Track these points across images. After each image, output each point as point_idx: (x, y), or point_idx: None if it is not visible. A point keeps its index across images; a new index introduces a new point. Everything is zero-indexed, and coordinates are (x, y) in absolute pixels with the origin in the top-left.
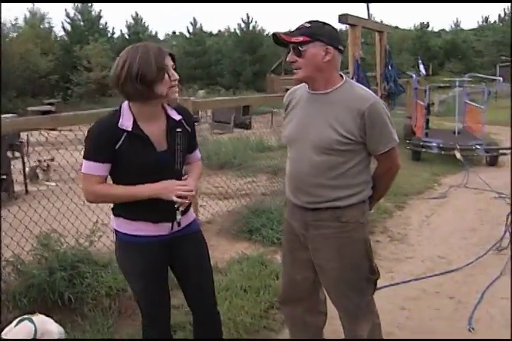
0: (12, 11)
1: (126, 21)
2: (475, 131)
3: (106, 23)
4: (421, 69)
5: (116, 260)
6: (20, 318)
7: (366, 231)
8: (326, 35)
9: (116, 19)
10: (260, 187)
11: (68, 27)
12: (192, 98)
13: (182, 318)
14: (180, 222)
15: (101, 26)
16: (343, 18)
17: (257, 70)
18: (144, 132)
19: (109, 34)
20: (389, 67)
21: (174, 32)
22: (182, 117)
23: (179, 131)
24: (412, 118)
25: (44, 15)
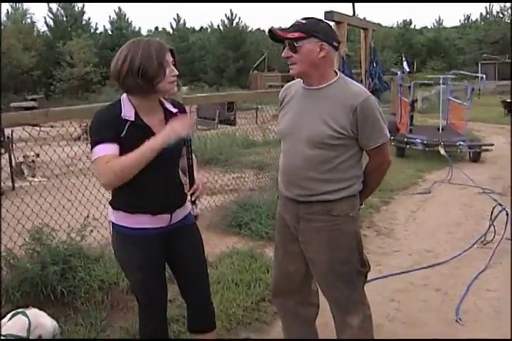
0: None
1: (109, 17)
2: (458, 128)
3: (89, 19)
4: (404, 66)
5: (113, 253)
6: (13, 312)
7: (357, 224)
8: (321, 31)
9: (99, 15)
10: (247, 182)
11: (51, 22)
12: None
13: (175, 311)
14: (197, 216)
15: (84, 22)
16: (329, 15)
17: (241, 67)
18: (146, 124)
19: (92, 30)
20: (374, 64)
21: (157, 28)
22: (178, 111)
23: None
24: (397, 114)
25: (26, 10)
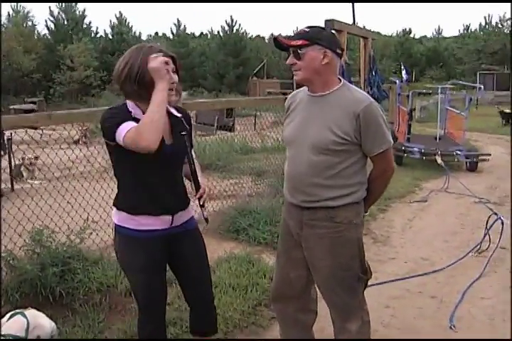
0: None
1: (110, 21)
2: (456, 137)
3: (90, 23)
4: (403, 75)
5: (115, 254)
6: (12, 312)
7: (360, 231)
8: (324, 39)
9: (100, 19)
10: (245, 188)
11: (52, 26)
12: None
13: (173, 314)
14: (207, 218)
15: (85, 26)
16: (329, 24)
17: (240, 73)
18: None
19: (92, 34)
20: (373, 73)
21: (157, 33)
22: (182, 115)
23: (182, 128)
24: (395, 123)
25: (27, 13)
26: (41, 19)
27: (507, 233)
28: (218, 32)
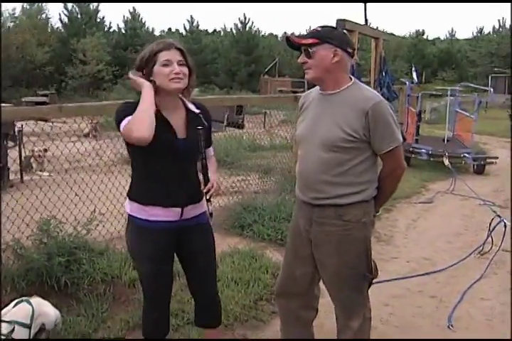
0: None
1: (123, 16)
2: (464, 140)
3: (103, 17)
4: (414, 76)
5: (126, 243)
6: (18, 300)
7: (368, 230)
8: (335, 38)
9: (113, 14)
10: (252, 185)
11: (65, 19)
12: None
13: (175, 306)
14: (212, 213)
15: (98, 20)
16: (341, 24)
17: (252, 71)
18: (166, 118)
19: (106, 28)
20: (383, 74)
21: (170, 29)
22: (200, 112)
23: (200, 124)
24: (404, 124)
25: (41, 6)
26: (55, 12)
27: (509, 235)
28: (231, 29)
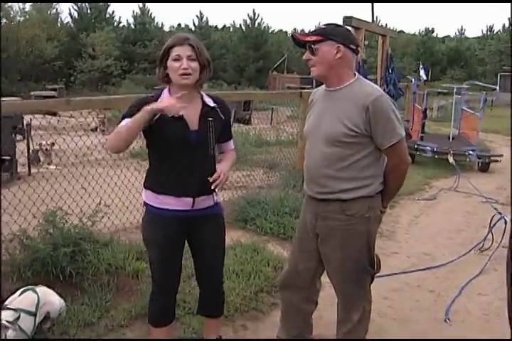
0: None
1: (133, 11)
2: (470, 138)
3: (113, 12)
4: (422, 74)
5: (141, 230)
6: (24, 288)
7: (372, 225)
8: (338, 35)
9: (123, 9)
10: (257, 180)
11: (75, 14)
12: None
13: (177, 296)
14: (217, 203)
15: (108, 15)
16: (348, 21)
17: (261, 67)
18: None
19: (115, 23)
20: (389, 71)
21: (180, 24)
22: (217, 106)
23: (215, 117)
24: (409, 121)
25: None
26: (65, 7)
27: (509, 232)
28: (240, 25)
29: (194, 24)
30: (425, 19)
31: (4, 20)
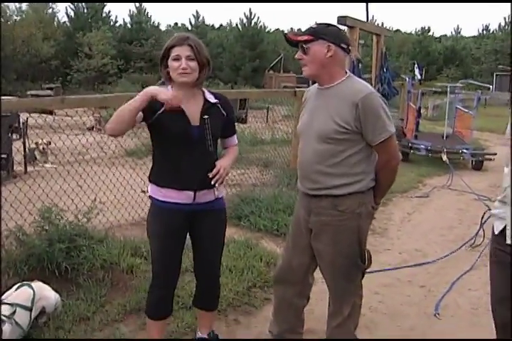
0: None
1: (129, 10)
2: (464, 136)
3: (109, 12)
4: (416, 73)
5: (146, 225)
6: (20, 284)
7: (363, 221)
8: (329, 34)
9: (119, 8)
10: (251, 178)
11: (72, 13)
12: None
13: None
14: (220, 197)
15: (104, 14)
16: (342, 20)
17: (257, 66)
18: (181, 107)
19: (111, 22)
20: (384, 70)
21: (176, 23)
22: (219, 102)
23: (216, 113)
24: (404, 120)
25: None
26: (62, 6)
27: None
28: (237, 24)
29: (190, 23)
30: (421, 18)
31: (1, 19)
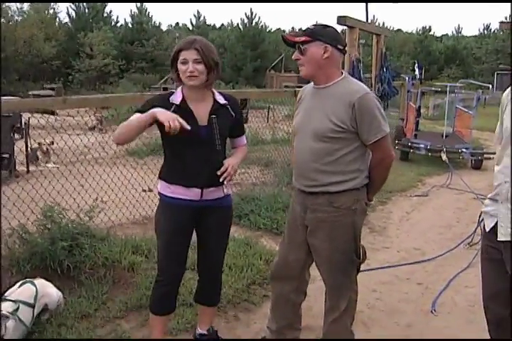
0: None
1: (130, 11)
2: (464, 136)
3: (110, 12)
4: (417, 73)
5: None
6: (23, 281)
7: (358, 217)
8: (326, 35)
9: (120, 8)
10: (251, 177)
11: (73, 14)
12: None
13: None
14: (228, 194)
15: (105, 14)
16: (342, 20)
17: (258, 66)
18: (190, 108)
19: (113, 23)
20: (384, 69)
21: (177, 23)
22: (228, 103)
23: (225, 113)
24: (405, 119)
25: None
26: (63, 6)
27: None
28: (238, 24)
29: (192, 23)
30: (423, 18)
31: (2, 20)
